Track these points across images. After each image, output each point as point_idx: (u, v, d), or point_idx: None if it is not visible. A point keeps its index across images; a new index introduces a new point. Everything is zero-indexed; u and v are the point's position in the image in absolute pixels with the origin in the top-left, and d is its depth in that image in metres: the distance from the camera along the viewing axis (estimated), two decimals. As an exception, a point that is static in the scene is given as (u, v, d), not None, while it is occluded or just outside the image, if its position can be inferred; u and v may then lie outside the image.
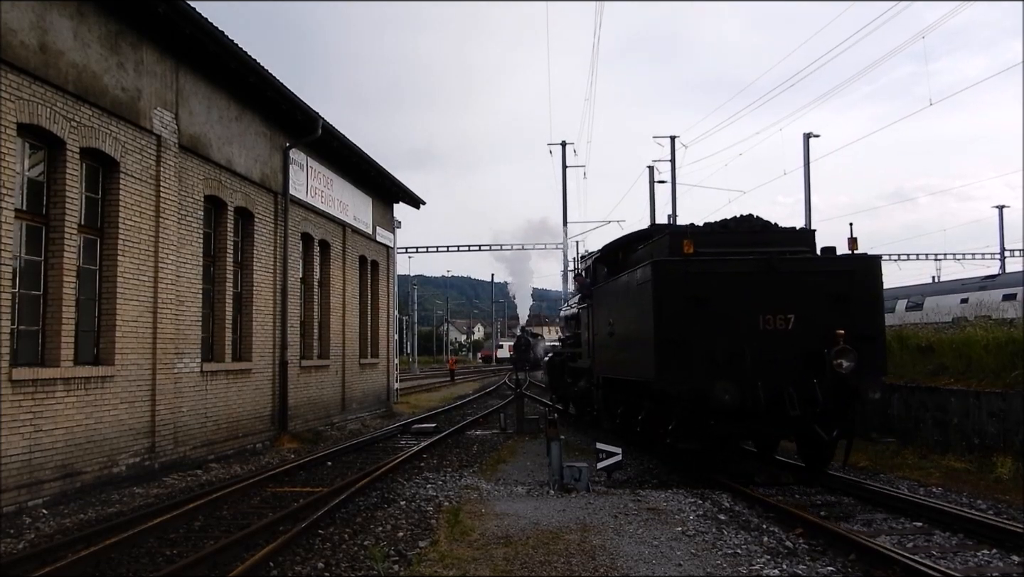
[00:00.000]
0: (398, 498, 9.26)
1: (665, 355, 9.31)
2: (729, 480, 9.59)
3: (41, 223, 9.33)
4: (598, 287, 13.43)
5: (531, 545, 6.83)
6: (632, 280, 10.60)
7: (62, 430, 9.20)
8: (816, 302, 9.42)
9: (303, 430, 15.98)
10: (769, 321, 9.36)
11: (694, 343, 9.20)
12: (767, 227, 10.70)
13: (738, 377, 8.98)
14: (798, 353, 9.26)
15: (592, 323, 13.76)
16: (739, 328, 9.24)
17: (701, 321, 9.24)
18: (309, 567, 6.44)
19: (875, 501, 8.67)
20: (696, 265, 9.49)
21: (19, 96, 8.70)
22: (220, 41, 12.00)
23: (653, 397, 10.35)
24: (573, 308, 17.61)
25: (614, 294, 11.85)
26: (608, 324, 12.07)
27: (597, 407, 14.30)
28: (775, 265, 9.47)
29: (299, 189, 16.62)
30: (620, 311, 11.38)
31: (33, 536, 7.56)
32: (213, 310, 13.31)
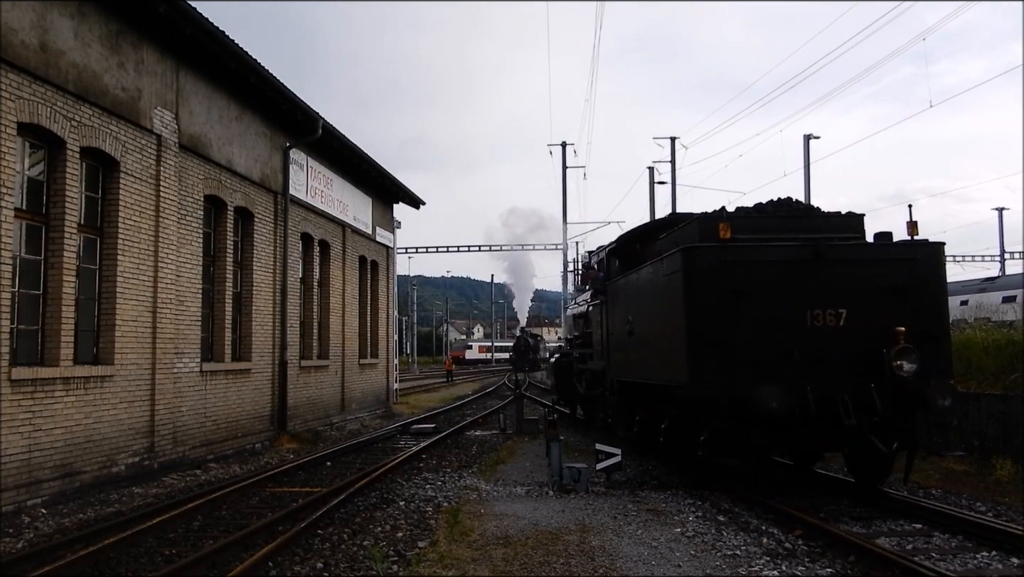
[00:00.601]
0: (397, 498, 9.25)
1: (699, 356, 8.16)
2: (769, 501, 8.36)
3: (41, 222, 9.33)
4: (613, 281, 12.10)
5: (530, 546, 6.83)
6: (657, 271, 9.39)
7: (61, 430, 9.20)
8: (871, 295, 8.26)
9: (302, 430, 15.97)
10: (818, 317, 8.19)
11: (732, 342, 8.07)
12: (810, 211, 9.56)
13: (784, 381, 7.84)
14: (851, 354, 8.14)
15: (605, 321, 12.59)
16: (784, 325, 8.12)
17: (740, 317, 8.11)
18: (308, 567, 6.43)
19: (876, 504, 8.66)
20: (734, 252, 8.28)
21: (19, 95, 8.70)
22: (220, 41, 12.00)
23: (679, 403, 9.33)
24: (582, 306, 16.55)
25: (634, 288, 10.64)
26: (626, 322, 10.85)
27: (611, 413, 13.17)
28: (824, 253, 8.31)
29: (299, 189, 16.62)
30: (641, 307, 10.26)
31: (32, 535, 7.56)
32: (213, 310, 13.31)
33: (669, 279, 8.85)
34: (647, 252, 11.29)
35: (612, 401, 12.73)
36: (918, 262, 8.47)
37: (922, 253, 8.54)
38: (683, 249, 8.50)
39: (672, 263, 8.76)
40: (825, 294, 8.25)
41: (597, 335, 13.57)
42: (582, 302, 16.72)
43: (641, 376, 10.48)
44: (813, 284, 8.27)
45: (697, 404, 8.71)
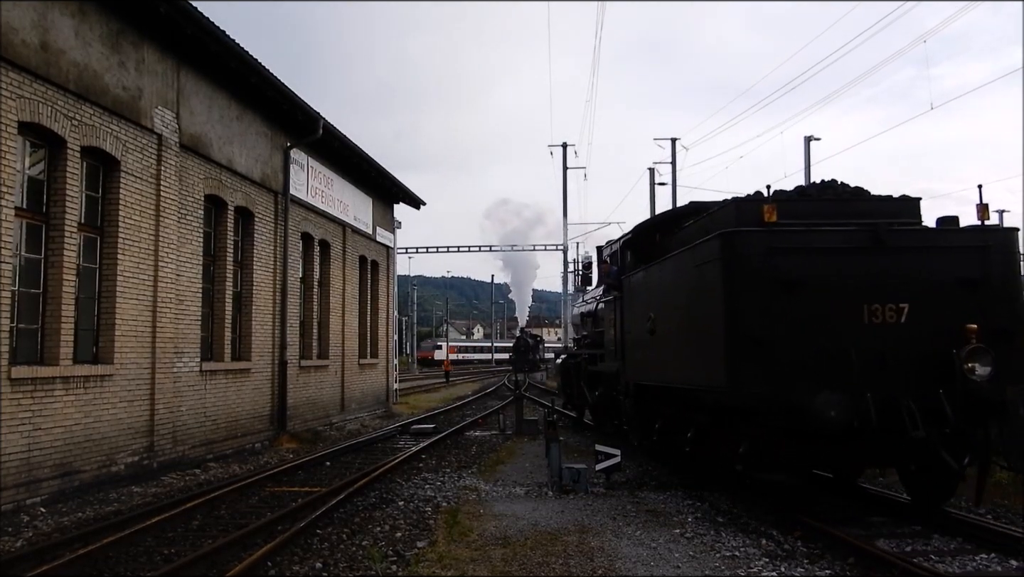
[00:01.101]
0: (396, 498, 9.25)
1: (741, 357, 7.14)
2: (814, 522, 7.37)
3: (41, 221, 9.33)
4: (631, 275, 10.95)
5: (529, 546, 6.84)
6: (686, 261, 8.35)
7: (61, 429, 9.20)
8: (937, 288, 7.29)
9: (302, 430, 15.98)
10: (876, 312, 7.20)
11: (779, 341, 7.06)
12: (859, 194, 8.40)
13: (842, 387, 6.90)
14: (915, 355, 7.17)
15: (620, 319, 11.57)
16: (838, 322, 7.17)
17: (789, 312, 7.11)
18: (307, 567, 6.43)
19: (872, 505, 8.65)
20: (783, 238, 7.28)
21: (20, 94, 8.70)
22: (221, 41, 12.01)
23: (710, 411, 8.32)
24: (590, 304, 15.58)
25: (656, 282, 9.62)
26: (646, 319, 9.76)
27: (626, 419, 11.97)
28: (884, 239, 7.32)
29: (299, 189, 16.63)
30: (665, 303, 9.23)
31: (31, 534, 7.56)
32: (213, 309, 13.31)
33: (703, 270, 7.80)
34: (669, 243, 10.22)
35: (627, 406, 11.58)
36: (990, 250, 7.39)
37: (995, 240, 7.48)
38: (722, 234, 7.40)
39: (707, 251, 7.68)
40: (885, 286, 7.25)
41: (610, 334, 12.58)
42: (591, 300, 15.92)
43: (664, 379, 9.45)
44: (871, 275, 7.27)
45: (735, 412, 7.68)
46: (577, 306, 18.75)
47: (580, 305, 17.97)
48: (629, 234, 12.24)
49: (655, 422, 10.33)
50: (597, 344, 14.28)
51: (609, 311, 12.65)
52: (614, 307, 12.05)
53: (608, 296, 12.88)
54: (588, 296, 16.84)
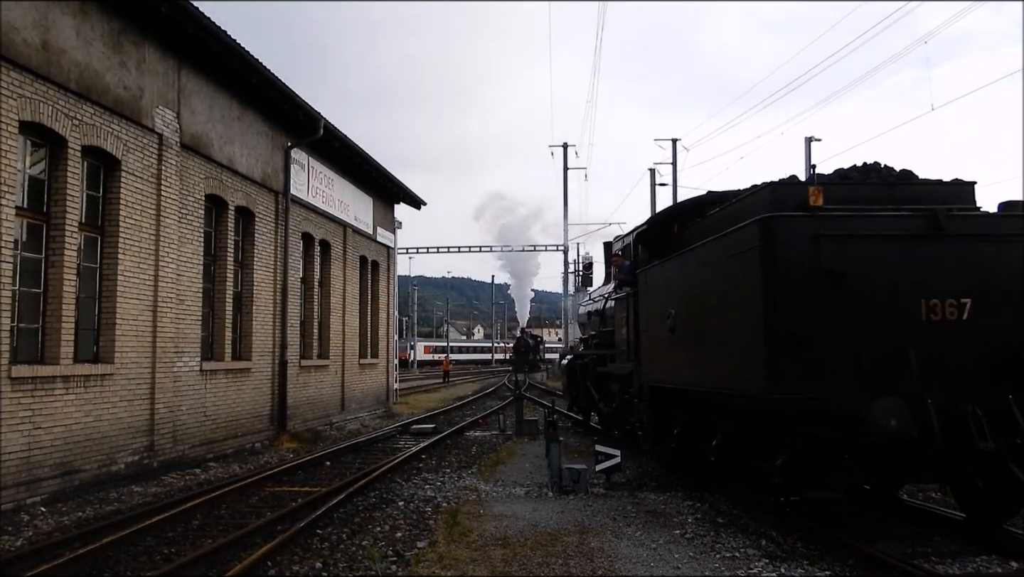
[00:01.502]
0: (396, 499, 9.26)
1: (782, 358, 6.41)
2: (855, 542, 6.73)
3: (42, 221, 9.34)
4: (647, 270, 10.14)
5: (529, 547, 6.84)
6: (716, 252, 7.64)
7: (61, 428, 9.20)
8: (1003, 281, 6.57)
9: (302, 430, 15.98)
10: (935, 308, 6.48)
11: (827, 340, 6.37)
12: (907, 177, 7.58)
13: (900, 391, 6.20)
14: (979, 356, 6.48)
15: (633, 317, 10.89)
16: (892, 318, 6.46)
17: (837, 307, 6.42)
18: (307, 567, 6.43)
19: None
20: (831, 223, 6.56)
21: (21, 94, 8.71)
22: (222, 40, 12.02)
23: (740, 416, 7.69)
24: (597, 301, 14.88)
25: (677, 276, 8.89)
26: (666, 317, 8.99)
27: (640, 424, 11.14)
28: (944, 225, 6.60)
29: (300, 189, 16.63)
30: (689, 298, 8.49)
31: (31, 534, 7.56)
32: (213, 309, 13.32)
33: (736, 260, 7.07)
34: (690, 234, 9.49)
35: (641, 410, 10.81)
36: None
37: None
38: (762, 220, 6.66)
39: (742, 239, 6.95)
40: (944, 279, 6.53)
41: (622, 333, 11.80)
42: (598, 297, 15.19)
43: (685, 381, 8.67)
44: (929, 266, 6.55)
45: (772, 419, 6.99)
46: (583, 305, 17.98)
47: (586, 304, 17.20)
48: (643, 226, 11.43)
49: (673, 428, 9.65)
50: (606, 344, 13.61)
51: (620, 309, 11.96)
52: (626, 304, 11.39)
53: (619, 293, 12.16)
54: (595, 294, 16.12)
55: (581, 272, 47.86)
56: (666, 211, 11.30)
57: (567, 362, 18.35)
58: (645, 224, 11.47)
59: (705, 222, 9.14)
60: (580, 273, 48.04)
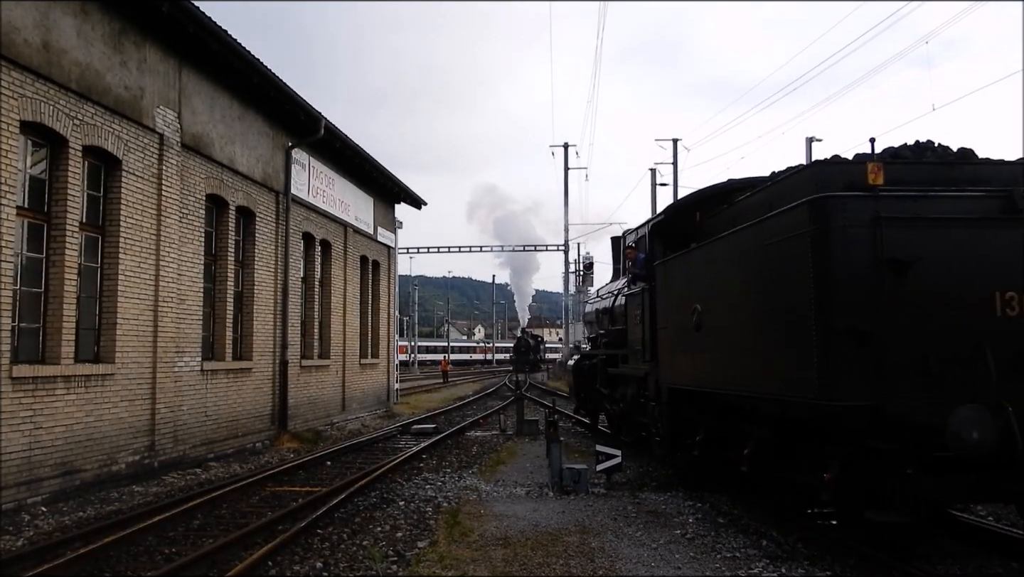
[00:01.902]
0: (397, 498, 9.26)
1: (839, 357, 5.68)
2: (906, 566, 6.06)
3: (43, 221, 9.34)
4: (665, 263, 9.48)
5: (530, 547, 6.83)
6: (753, 240, 6.94)
7: (62, 428, 9.20)
8: None
9: (303, 430, 15.98)
10: (1011, 301, 5.76)
11: (890, 336, 5.66)
12: (968, 156, 6.77)
13: (975, 397, 5.50)
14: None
15: (649, 314, 10.19)
16: (963, 313, 5.76)
17: (902, 300, 5.72)
18: (308, 567, 6.44)
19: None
20: (892, 205, 5.87)
21: (22, 94, 8.71)
22: (223, 40, 12.02)
23: (779, 423, 6.95)
24: (606, 299, 14.22)
25: (703, 268, 8.23)
26: (689, 313, 8.27)
27: (656, 428, 10.32)
28: (1021, 207, 5.90)
29: (301, 189, 16.63)
30: (718, 291, 7.82)
31: (32, 533, 7.57)
32: (214, 309, 13.32)
33: (782, 247, 6.38)
34: (715, 222, 8.76)
35: (658, 414, 10.05)
36: None
37: None
38: (815, 201, 5.95)
39: (789, 223, 6.25)
40: (1020, 268, 5.80)
41: (635, 332, 11.02)
42: (606, 295, 14.47)
43: (713, 383, 7.98)
44: (1004, 253, 5.83)
45: (821, 427, 6.27)
46: (590, 303, 17.26)
47: (593, 301, 16.40)
48: (660, 215, 10.72)
49: (695, 433, 8.92)
50: (617, 343, 12.81)
51: (634, 305, 11.21)
52: (641, 301, 10.66)
53: (633, 288, 11.35)
54: (603, 291, 15.36)
55: (582, 272, 47.93)
56: (686, 199, 10.35)
57: (574, 363, 17.39)
58: (662, 214, 10.67)
59: (733, 209, 8.37)
60: (581, 273, 48.10)
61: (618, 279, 14.02)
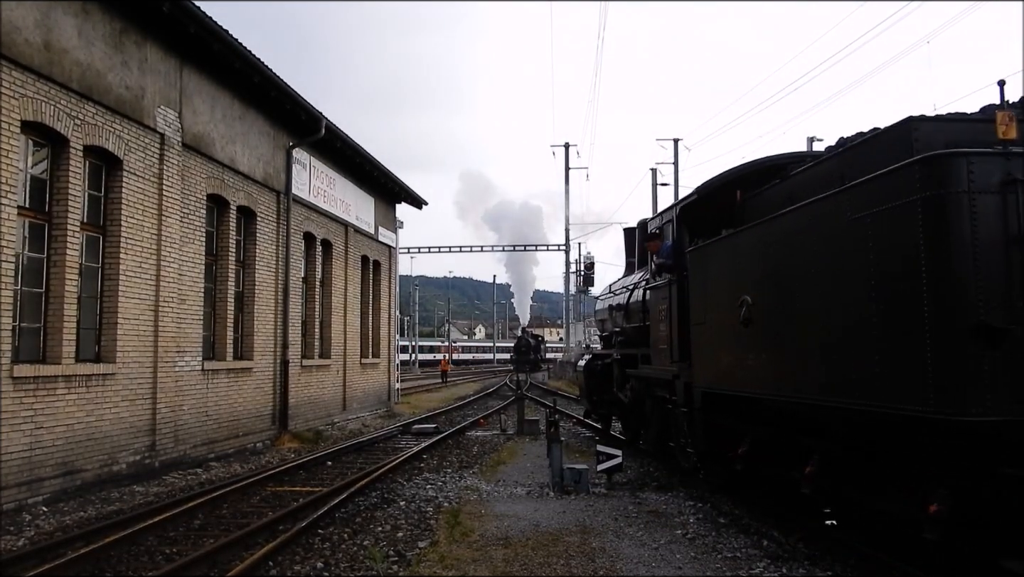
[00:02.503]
0: (398, 498, 9.26)
1: (965, 360, 4.54)
2: None
3: (44, 220, 9.34)
4: (703, 248, 8.37)
5: (531, 547, 6.83)
6: (836, 212, 5.64)
7: (63, 427, 9.21)
8: None
9: (304, 429, 15.98)
10: None
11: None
12: None
13: None
14: None
15: (677, 308, 9.18)
16: None
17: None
18: (308, 566, 6.43)
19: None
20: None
21: (23, 93, 8.71)
22: (224, 40, 12.02)
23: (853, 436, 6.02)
24: (620, 294, 13.21)
25: (756, 251, 6.97)
26: (736, 305, 7.13)
27: (686, 437, 9.28)
28: None
29: (302, 188, 16.64)
30: (778, 278, 6.56)
31: (33, 533, 7.57)
32: (215, 309, 13.33)
33: (879, 221, 5.11)
34: (762, 201, 7.68)
35: (690, 421, 8.98)
36: None
37: None
38: (929, 159, 4.78)
39: (890, 189, 5.02)
40: None
41: (660, 329, 9.95)
42: (620, 290, 13.38)
43: (765, 388, 6.80)
44: None
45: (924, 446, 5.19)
46: (601, 299, 15.93)
47: (605, 298, 15.14)
48: (691, 196, 9.55)
49: (734, 444, 7.86)
50: (635, 341, 11.80)
51: (658, 300, 10.13)
52: (667, 294, 9.62)
53: (657, 280, 10.23)
54: (616, 286, 14.26)
55: (583, 272, 47.92)
56: (722, 177, 9.08)
57: (585, 363, 15.82)
58: (693, 195, 9.47)
59: (788, 183, 7.24)
60: (581, 273, 48.09)
61: (632, 273, 13.38)
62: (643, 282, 11.53)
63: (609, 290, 14.92)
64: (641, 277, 11.94)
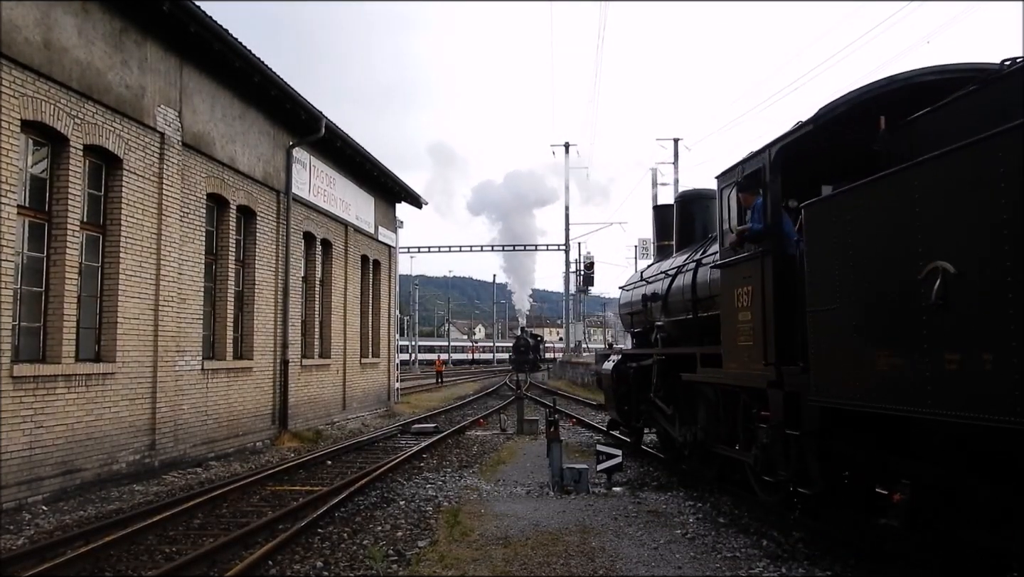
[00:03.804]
0: (397, 498, 9.26)
1: None
2: None
3: (44, 220, 9.34)
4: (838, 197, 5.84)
5: (530, 546, 6.83)
6: None
7: (63, 427, 9.21)
8: None
9: (303, 429, 15.98)
10: None
11: None
12: None
13: None
14: None
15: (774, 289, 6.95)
16: None
17: None
18: (308, 566, 6.44)
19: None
20: None
21: (23, 92, 8.71)
22: (225, 39, 12.02)
23: None
24: (657, 281, 11.18)
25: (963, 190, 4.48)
26: (911, 278, 4.83)
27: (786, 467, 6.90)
28: None
29: (302, 188, 16.63)
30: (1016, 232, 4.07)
31: (33, 532, 7.57)
32: (215, 308, 13.32)
33: None
34: (935, 128, 5.70)
35: (797, 448, 6.66)
36: None
37: None
38: None
39: None
40: None
41: (742, 319, 7.55)
42: (656, 276, 11.26)
43: (978, 408, 4.33)
44: None
45: None
46: (629, 288, 13.17)
47: (636, 286, 12.50)
48: (800, 128, 6.88)
49: (892, 488, 5.46)
50: (681, 337, 9.82)
51: (738, 280, 7.69)
52: (756, 270, 7.27)
53: (738, 253, 7.65)
54: (650, 272, 12.07)
55: (583, 272, 47.92)
56: (850, 99, 6.65)
57: (613, 366, 12.67)
58: (797, 130, 6.92)
59: (985, 95, 5.25)
60: (581, 273, 48.10)
61: (668, 258, 11.77)
62: (689, 264, 9.70)
63: (640, 277, 12.65)
64: (687, 259, 10.06)
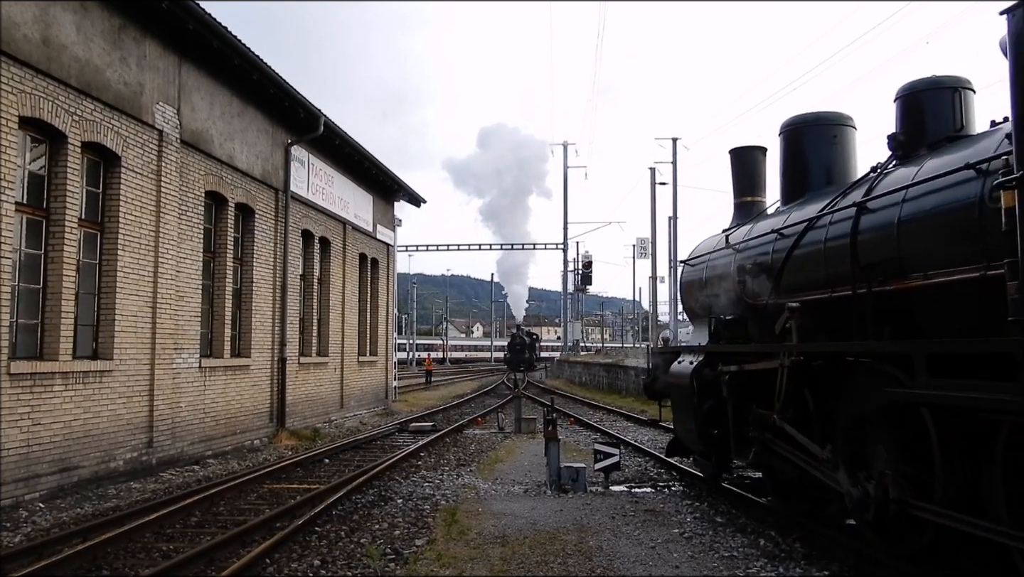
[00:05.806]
0: (395, 496, 9.25)
1: None
2: None
3: (42, 217, 9.33)
4: None
5: (528, 545, 6.84)
6: None
7: (60, 424, 9.19)
8: None
9: (301, 427, 15.98)
10: None
11: None
12: None
13: None
14: None
15: None
16: None
17: None
18: (305, 564, 6.43)
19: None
20: None
21: (21, 89, 8.69)
22: (224, 37, 12.01)
23: None
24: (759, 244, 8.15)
25: None
26: None
27: None
28: None
29: (300, 186, 16.62)
30: None
31: (30, 530, 7.56)
32: (212, 306, 13.31)
33: None
34: None
35: None
36: None
37: None
38: None
39: None
40: None
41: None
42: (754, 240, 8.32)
43: None
44: None
45: None
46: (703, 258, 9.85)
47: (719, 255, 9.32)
48: None
49: None
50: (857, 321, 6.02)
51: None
52: None
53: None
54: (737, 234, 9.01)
55: (581, 271, 47.93)
56: None
57: (693, 368, 8.70)
58: None
59: None
60: (580, 272, 48.10)
61: (756, 218, 8.95)
62: (842, 211, 6.54)
63: (726, 242, 9.18)
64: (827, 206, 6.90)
